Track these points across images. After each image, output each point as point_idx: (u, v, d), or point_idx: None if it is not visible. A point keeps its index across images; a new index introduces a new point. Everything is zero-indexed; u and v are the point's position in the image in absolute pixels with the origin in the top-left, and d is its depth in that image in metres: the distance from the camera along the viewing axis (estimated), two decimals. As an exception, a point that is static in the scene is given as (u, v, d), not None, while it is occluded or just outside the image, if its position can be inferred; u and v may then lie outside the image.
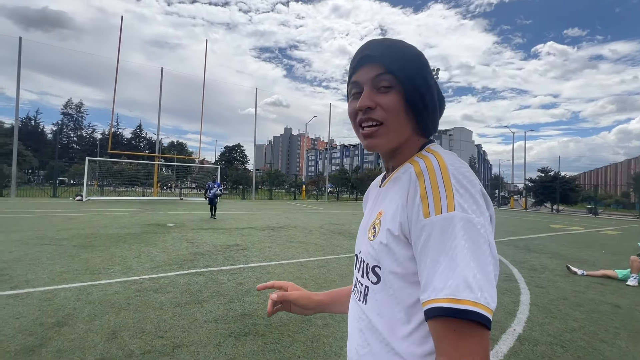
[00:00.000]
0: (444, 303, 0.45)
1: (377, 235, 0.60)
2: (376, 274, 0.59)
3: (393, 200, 0.59)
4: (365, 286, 0.62)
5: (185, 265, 4.96)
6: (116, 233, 7.62)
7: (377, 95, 0.60)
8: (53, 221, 9.26)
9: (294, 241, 7.50)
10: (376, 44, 0.62)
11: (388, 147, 0.63)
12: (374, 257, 0.60)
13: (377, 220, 0.61)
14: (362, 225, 0.72)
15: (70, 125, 64.25)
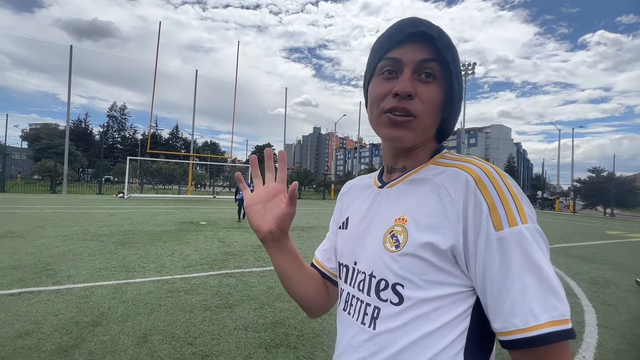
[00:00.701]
0: (549, 328, 0.41)
1: (403, 246, 0.50)
2: (398, 293, 0.50)
3: (425, 206, 0.51)
4: (375, 307, 0.53)
5: (217, 266, 4.93)
6: (152, 230, 7.86)
7: (417, 83, 0.52)
8: (97, 217, 9.80)
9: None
10: (429, 23, 0.53)
11: (413, 143, 0.55)
12: (396, 273, 0.50)
13: (400, 229, 0.52)
14: (352, 231, 0.62)
15: (114, 126, 68.96)
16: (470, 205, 0.47)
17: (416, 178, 0.55)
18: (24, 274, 4.10)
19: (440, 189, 0.50)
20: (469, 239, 0.47)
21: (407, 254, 0.50)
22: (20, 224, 7.99)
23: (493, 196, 0.46)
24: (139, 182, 31.36)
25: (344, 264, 0.62)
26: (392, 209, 0.56)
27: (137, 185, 28.92)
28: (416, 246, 0.49)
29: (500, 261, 0.44)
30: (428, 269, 0.49)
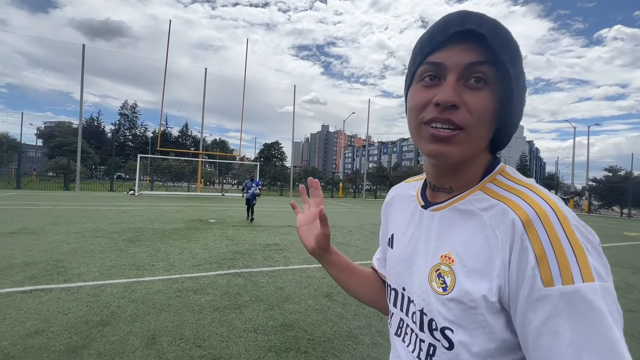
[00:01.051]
0: None
1: (451, 290, 0.47)
2: (447, 338, 0.47)
3: (472, 247, 0.46)
4: (430, 344, 0.50)
5: (225, 265, 4.90)
6: (162, 228, 7.90)
7: (464, 90, 0.45)
8: (108, 214, 9.91)
9: (333, 242, 7.15)
10: (479, 18, 0.45)
11: (460, 159, 0.48)
12: (444, 317, 0.47)
13: (446, 269, 0.48)
14: (398, 253, 0.59)
15: (126, 124, 69.98)
16: (514, 253, 0.41)
17: (462, 208, 0.49)
18: (36, 271, 4.13)
19: (487, 229, 0.45)
20: (511, 291, 0.42)
21: (455, 300, 0.46)
22: (34, 220, 8.13)
23: (544, 244, 0.39)
24: (149, 180, 31.80)
25: (393, 287, 0.61)
26: (437, 241, 0.51)
27: (148, 182, 29.32)
28: (463, 293, 0.45)
29: (543, 323, 0.38)
30: (479, 318, 0.44)
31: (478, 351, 0.45)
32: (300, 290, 3.94)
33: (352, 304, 3.58)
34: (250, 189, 10.01)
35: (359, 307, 3.52)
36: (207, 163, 42.82)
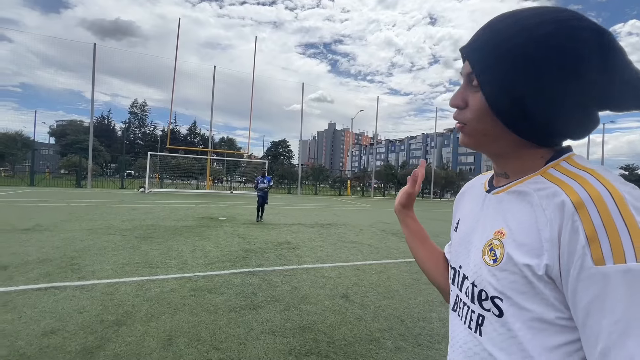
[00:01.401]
0: None
1: (500, 262, 0.50)
2: (497, 306, 0.50)
3: (522, 223, 0.49)
4: (480, 315, 0.54)
5: (238, 263, 4.82)
6: (173, 225, 7.88)
7: (470, 93, 0.54)
8: (119, 211, 9.96)
9: (345, 241, 7.10)
10: (480, 32, 0.53)
11: (476, 148, 0.57)
12: (494, 287, 0.51)
13: (498, 242, 0.51)
14: (460, 235, 0.64)
15: (135, 123, 70.83)
16: (565, 232, 0.43)
17: (518, 190, 0.52)
18: (51, 268, 4.11)
19: (537, 208, 0.47)
20: (568, 270, 0.42)
21: (504, 270, 0.49)
22: (48, 217, 8.20)
23: (595, 224, 0.40)
24: (158, 177, 32.11)
25: (452, 266, 0.65)
26: (493, 220, 0.55)
27: (157, 180, 29.61)
28: (512, 264, 0.48)
29: (593, 300, 0.40)
30: (525, 288, 0.47)
31: (526, 320, 0.47)
32: (315, 291, 3.84)
33: (370, 306, 3.47)
34: (261, 185, 9.65)
35: (377, 308, 3.41)
36: (215, 161, 43.05)
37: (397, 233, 8.59)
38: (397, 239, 7.73)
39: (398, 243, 7.17)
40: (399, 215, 0.82)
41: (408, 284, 4.30)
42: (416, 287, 4.21)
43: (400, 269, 5.06)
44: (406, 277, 4.60)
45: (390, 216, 12.97)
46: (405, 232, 0.82)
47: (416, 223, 0.82)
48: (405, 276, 4.66)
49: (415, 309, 3.46)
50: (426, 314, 3.34)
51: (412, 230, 0.81)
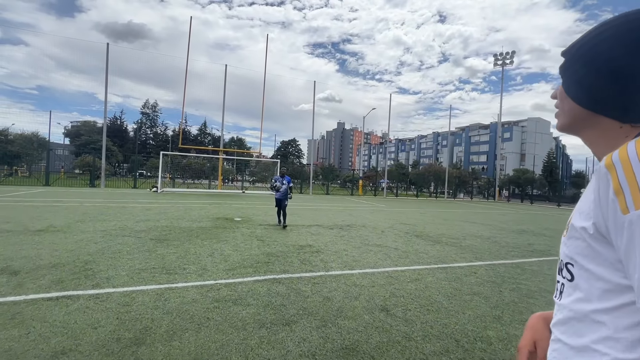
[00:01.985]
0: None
1: (568, 231, 0.59)
2: (569, 271, 0.58)
3: (586, 195, 0.56)
4: (562, 283, 0.62)
5: (261, 269, 4.47)
6: (188, 226, 7.60)
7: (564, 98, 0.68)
8: (133, 212, 9.76)
9: (369, 244, 6.69)
10: (574, 41, 0.65)
11: (562, 129, 0.68)
12: (566, 254, 0.59)
13: (570, 216, 0.60)
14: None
15: (147, 123, 71.63)
16: (601, 191, 0.50)
17: (596, 168, 0.57)
18: (63, 274, 3.83)
19: (593, 179, 0.54)
20: (608, 224, 0.49)
21: (570, 238, 0.58)
22: (61, 217, 8.02)
23: (620, 179, 0.47)
24: (170, 177, 32.23)
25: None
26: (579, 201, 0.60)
27: (169, 179, 29.70)
28: (574, 230, 0.56)
29: (627, 245, 0.46)
30: (587, 251, 0.53)
31: (592, 281, 0.53)
32: (350, 302, 3.45)
33: (415, 321, 3.06)
34: (278, 185, 8.28)
35: (424, 324, 3.00)
36: (225, 160, 43.06)
37: (422, 235, 8.13)
38: (424, 242, 7.28)
39: (426, 247, 6.72)
40: None
41: (450, 294, 3.87)
42: (459, 297, 3.78)
43: (436, 276, 4.64)
44: (446, 287, 4.17)
45: (408, 216, 12.49)
46: None
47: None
48: (444, 285, 4.23)
49: (468, 326, 3.03)
50: (481, 332, 2.92)
51: None
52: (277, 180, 8.36)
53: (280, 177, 8.37)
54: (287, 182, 8.34)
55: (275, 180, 8.43)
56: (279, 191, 8.30)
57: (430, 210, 16.96)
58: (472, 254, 6.26)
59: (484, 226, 10.93)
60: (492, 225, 11.43)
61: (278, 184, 8.30)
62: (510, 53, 36.77)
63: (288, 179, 8.40)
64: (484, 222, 12.34)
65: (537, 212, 20.29)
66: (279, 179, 8.34)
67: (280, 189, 8.29)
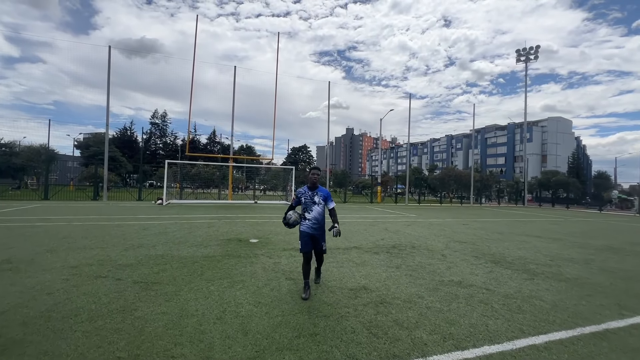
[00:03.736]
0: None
1: None
2: None
3: None
4: None
5: (304, 349, 2.52)
6: (191, 256, 5.73)
7: None
8: (126, 233, 7.97)
9: (445, 281, 4.68)
10: None
11: None
12: None
13: None
14: None
15: (157, 133, 71.17)
16: None
17: None
18: None
19: None
20: None
21: None
22: (31, 245, 6.26)
23: None
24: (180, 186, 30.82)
25: None
26: None
27: (178, 189, 28.25)
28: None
29: None
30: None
31: None
32: None
33: None
34: (308, 211, 4.03)
35: None
36: (235, 169, 41.57)
37: (499, 261, 6.06)
38: (512, 273, 5.23)
39: (525, 284, 4.67)
40: None
41: None
42: None
43: (608, 356, 2.61)
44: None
45: (455, 230, 10.36)
46: None
47: None
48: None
49: None
50: None
51: None
52: (304, 196, 4.10)
53: (308, 190, 4.10)
54: (323, 198, 4.04)
55: (300, 196, 4.12)
56: (306, 219, 4.03)
57: (469, 220, 14.76)
58: (606, 298, 4.20)
59: (557, 242, 8.76)
60: (565, 240, 9.24)
61: (304, 199, 4.07)
62: (534, 48, 34.43)
63: (325, 193, 4.08)
64: (549, 235, 10.13)
65: (588, 219, 17.82)
66: (307, 193, 4.08)
67: (309, 214, 4.01)
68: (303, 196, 4.06)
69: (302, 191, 4.11)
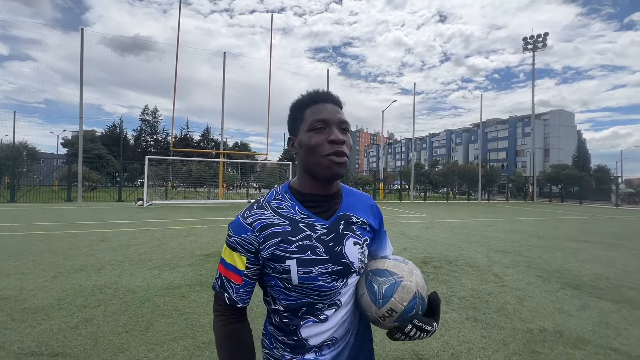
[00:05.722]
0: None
1: None
2: None
3: None
4: None
5: None
6: (146, 287, 3.94)
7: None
8: (77, 246, 6.15)
9: (541, 332, 2.95)
10: None
11: None
12: None
13: None
14: None
15: (147, 130, 68.73)
16: None
17: None
18: None
19: None
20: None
21: None
22: None
23: None
24: (167, 185, 28.85)
25: None
26: None
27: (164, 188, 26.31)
28: None
29: None
30: None
31: None
32: None
33: None
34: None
35: None
36: (229, 166, 39.65)
37: (600, 287, 4.34)
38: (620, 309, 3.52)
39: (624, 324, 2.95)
40: None
41: None
42: None
43: None
44: None
45: (485, 235, 8.65)
46: None
47: None
48: None
49: None
50: None
51: None
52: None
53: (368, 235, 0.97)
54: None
55: None
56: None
57: (489, 219, 13.09)
58: None
59: (617, 250, 7.10)
60: (623, 246, 7.58)
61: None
62: (542, 36, 32.81)
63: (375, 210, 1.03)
64: (596, 239, 8.48)
65: (614, 217, 16.27)
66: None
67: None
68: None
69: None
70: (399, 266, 0.86)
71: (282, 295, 0.82)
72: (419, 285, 0.83)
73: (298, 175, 0.89)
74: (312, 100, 0.85)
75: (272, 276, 0.82)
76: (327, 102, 0.85)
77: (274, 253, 0.79)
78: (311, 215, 0.85)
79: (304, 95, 0.87)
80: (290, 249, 0.79)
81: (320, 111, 0.82)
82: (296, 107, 0.87)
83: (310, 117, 0.82)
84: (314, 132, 0.81)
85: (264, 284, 0.87)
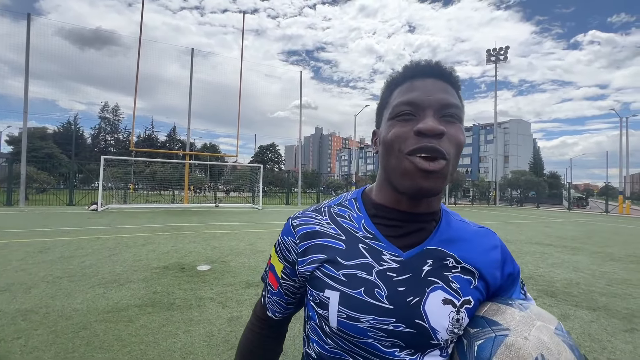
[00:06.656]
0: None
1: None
2: None
3: None
4: None
5: None
6: (85, 310, 3.31)
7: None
8: (8, 259, 5.25)
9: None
10: None
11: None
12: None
13: None
14: None
15: (107, 128, 64.35)
16: None
17: None
18: None
19: None
20: None
21: None
22: None
23: None
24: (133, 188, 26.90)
25: None
26: None
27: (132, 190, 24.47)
28: None
29: None
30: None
31: None
32: None
33: None
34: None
35: None
36: (197, 169, 37.95)
37: (575, 295, 4.29)
38: (633, 329, 3.45)
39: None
40: None
41: None
42: None
43: None
44: None
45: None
46: None
47: None
48: None
49: None
50: None
51: None
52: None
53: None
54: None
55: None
56: None
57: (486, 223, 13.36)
58: None
59: (580, 254, 7.36)
60: (584, 249, 7.90)
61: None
62: (504, 48, 34.87)
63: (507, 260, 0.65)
64: (558, 243, 8.82)
65: (570, 220, 17.36)
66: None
67: None
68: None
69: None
70: (506, 312, 0.51)
71: (316, 336, 0.58)
72: (542, 346, 0.45)
73: (377, 179, 0.63)
74: (405, 76, 0.56)
75: (312, 306, 0.58)
76: (428, 76, 0.54)
77: (313, 274, 0.57)
78: (380, 237, 0.57)
79: (400, 70, 0.60)
80: (336, 275, 0.55)
81: (412, 89, 0.54)
82: (385, 88, 0.62)
83: (396, 99, 0.55)
84: (395, 120, 0.54)
85: (305, 312, 0.65)
